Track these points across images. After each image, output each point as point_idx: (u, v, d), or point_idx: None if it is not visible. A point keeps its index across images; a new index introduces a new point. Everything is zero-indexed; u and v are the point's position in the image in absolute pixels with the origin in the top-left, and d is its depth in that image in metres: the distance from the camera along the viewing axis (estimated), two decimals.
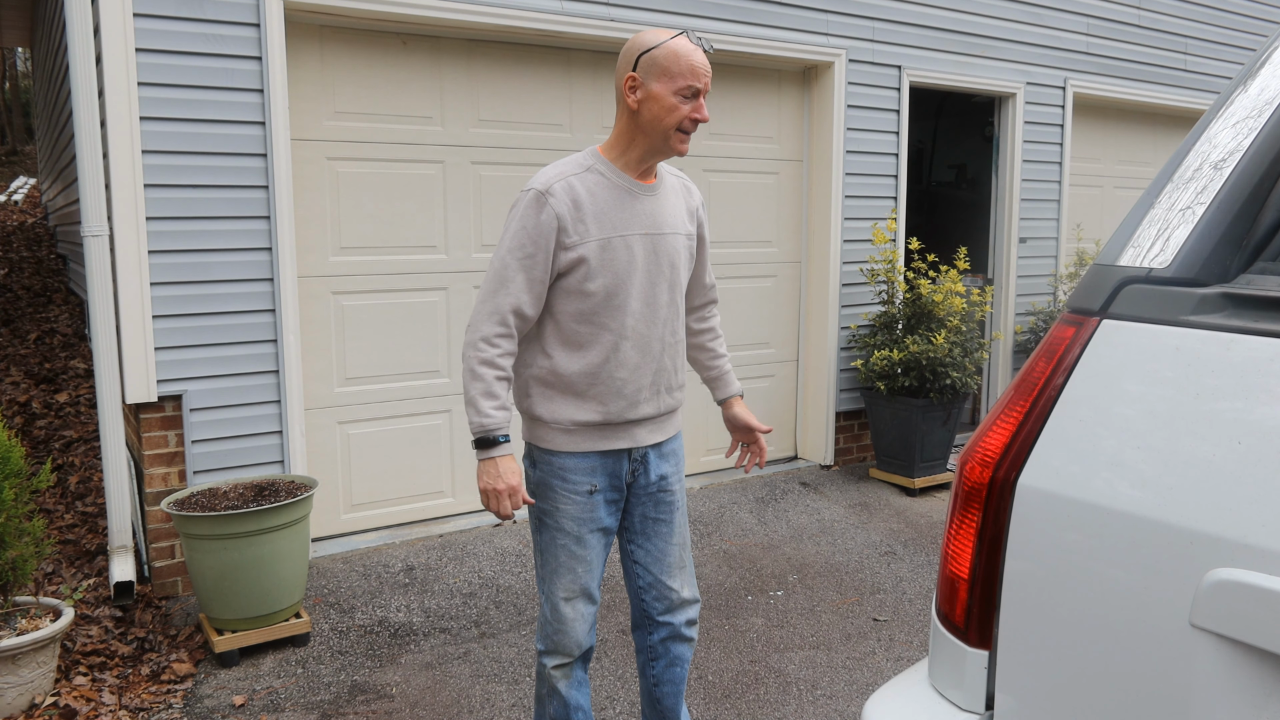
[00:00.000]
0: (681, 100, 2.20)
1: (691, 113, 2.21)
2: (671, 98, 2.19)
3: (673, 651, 2.53)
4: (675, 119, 2.20)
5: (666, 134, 2.21)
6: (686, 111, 2.20)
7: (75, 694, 3.11)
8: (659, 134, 2.22)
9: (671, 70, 2.18)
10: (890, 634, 3.71)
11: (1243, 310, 1.10)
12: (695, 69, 2.19)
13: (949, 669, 1.31)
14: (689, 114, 2.20)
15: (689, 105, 2.20)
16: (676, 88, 2.19)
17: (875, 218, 5.62)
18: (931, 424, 5.27)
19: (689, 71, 2.18)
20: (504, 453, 2.22)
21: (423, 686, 3.30)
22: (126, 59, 3.54)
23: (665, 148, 2.24)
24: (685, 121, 2.21)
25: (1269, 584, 0.96)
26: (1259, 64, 1.30)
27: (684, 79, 2.18)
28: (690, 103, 2.21)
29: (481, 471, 2.22)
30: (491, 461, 2.21)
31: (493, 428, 2.20)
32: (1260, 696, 0.99)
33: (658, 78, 2.20)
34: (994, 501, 1.25)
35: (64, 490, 4.62)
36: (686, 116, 2.20)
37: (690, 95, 2.20)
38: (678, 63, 2.18)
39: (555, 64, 4.67)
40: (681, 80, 2.18)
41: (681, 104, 2.20)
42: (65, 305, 6.97)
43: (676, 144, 2.23)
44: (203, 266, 3.77)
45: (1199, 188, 1.23)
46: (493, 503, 2.22)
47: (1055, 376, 1.23)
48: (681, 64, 2.18)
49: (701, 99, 2.22)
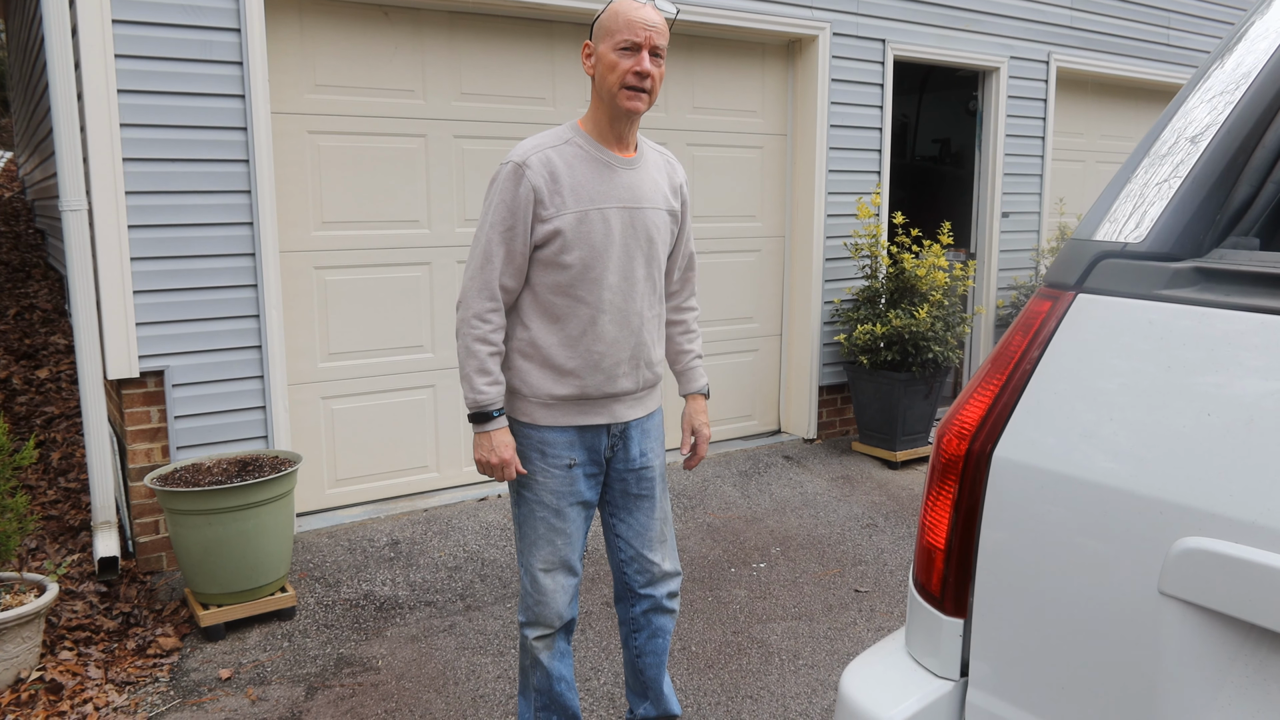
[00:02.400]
0: (622, 55, 2.18)
1: (633, 66, 2.17)
2: (612, 54, 2.18)
3: (655, 623, 2.56)
4: (618, 76, 2.18)
5: (613, 93, 2.20)
6: (628, 66, 2.17)
7: (61, 668, 3.12)
8: (608, 94, 2.21)
9: (611, 28, 2.19)
10: (871, 605, 3.76)
11: (1215, 284, 1.12)
12: (632, 23, 2.16)
13: (925, 637, 1.33)
14: (630, 68, 2.17)
15: (630, 60, 2.17)
16: (616, 43, 2.18)
17: (859, 192, 5.63)
18: (913, 397, 5.31)
19: (626, 26, 2.17)
20: (499, 426, 2.27)
21: (408, 659, 3.32)
22: (103, 31, 3.49)
23: (617, 108, 2.22)
24: (628, 76, 2.18)
25: (1234, 552, 0.98)
26: (1236, 38, 1.31)
27: (621, 34, 2.17)
28: (631, 57, 2.18)
29: (477, 444, 2.29)
30: (487, 435, 2.27)
31: (487, 403, 2.25)
32: (1224, 660, 1.01)
33: (602, 38, 2.21)
34: (970, 473, 1.27)
35: (46, 466, 4.60)
36: (629, 71, 2.17)
37: (630, 48, 2.17)
38: (616, 19, 2.18)
39: (538, 37, 4.63)
40: (619, 35, 2.17)
41: (622, 59, 2.18)
42: (45, 280, 6.91)
43: (624, 101, 2.20)
44: (183, 241, 3.75)
45: (1175, 162, 1.24)
46: (488, 474, 2.29)
47: (1031, 350, 1.25)
48: (620, 20, 2.18)
49: (644, 53, 2.18)
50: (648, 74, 2.19)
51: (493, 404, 2.25)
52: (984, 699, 1.26)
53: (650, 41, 2.18)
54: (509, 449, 2.28)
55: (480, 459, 2.29)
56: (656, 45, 2.20)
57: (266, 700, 3.06)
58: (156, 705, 3.02)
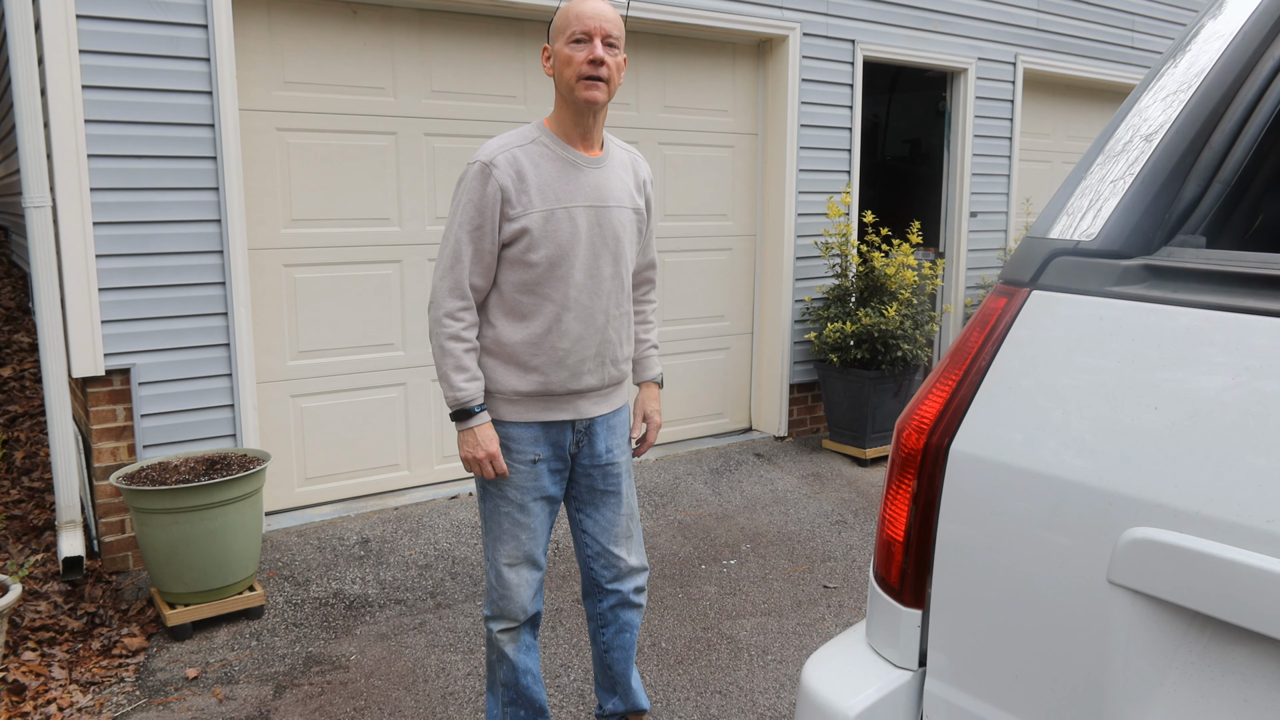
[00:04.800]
0: (575, 49, 2.19)
1: (586, 56, 2.18)
2: (566, 49, 2.20)
3: (622, 618, 2.58)
4: (574, 69, 2.19)
5: (572, 86, 2.21)
6: (581, 57, 2.19)
7: (24, 669, 3.09)
8: (568, 89, 2.23)
9: (562, 25, 2.21)
10: (840, 600, 3.79)
11: (1162, 281, 1.15)
12: (582, 15, 2.18)
13: (884, 628, 1.36)
14: (584, 59, 2.18)
15: (583, 50, 2.19)
16: (569, 37, 2.20)
17: (829, 191, 5.67)
18: (883, 395, 5.36)
19: (576, 19, 2.19)
20: (481, 422, 2.28)
21: (378, 657, 3.31)
22: (66, 26, 3.45)
23: (578, 102, 2.23)
24: (583, 66, 2.19)
25: (1178, 541, 1.01)
26: (1189, 37, 1.34)
27: (571, 27, 2.19)
28: (584, 47, 2.19)
29: (461, 441, 2.30)
30: (470, 431, 2.28)
31: (467, 400, 2.26)
32: (1170, 647, 1.04)
33: (556, 37, 2.23)
34: (928, 467, 1.29)
35: (9, 465, 4.54)
36: (582, 61, 2.19)
37: (581, 39, 2.19)
38: (566, 16, 2.20)
39: (509, 35, 4.63)
40: (570, 29, 2.19)
41: (575, 51, 2.19)
42: (8, 278, 6.81)
43: (582, 92, 2.21)
44: (150, 238, 3.72)
45: (1128, 160, 1.27)
46: (475, 470, 2.31)
47: (987, 346, 1.27)
48: (570, 14, 2.20)
49: (595, 41, 2.18)
50: (601, 60, 2.19)
51: (473, 400, 2.27)
52: (941, 688, 1.28)
53: (601, 30, 2.19)
54: (493, 443, 2.29)
55: (465, 455, 2.30)
56: (609, 34, 2.20)
57: (234, 699, 3.04)
58: (122, 705, 3.00)
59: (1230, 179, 1.22)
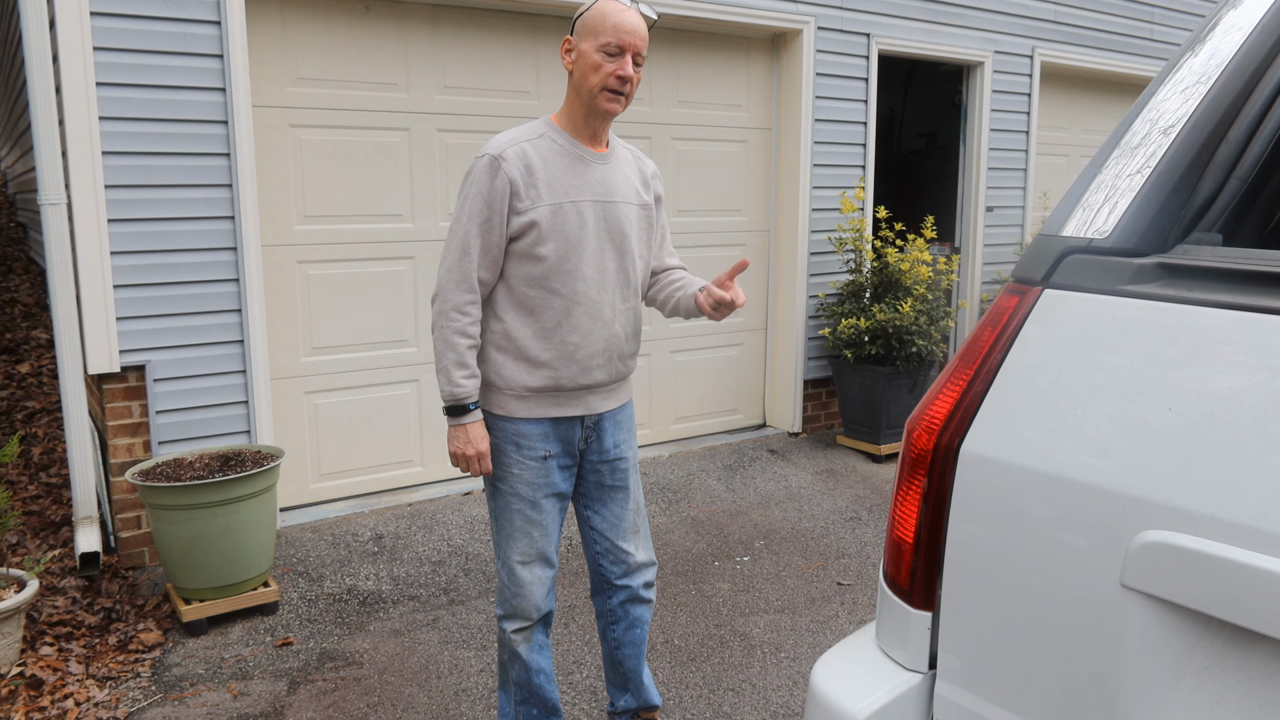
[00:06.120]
0: (606, 58, 2.18)
1: (616, 70, 2.18)
2: (595, 55, 2.19)
3: (632, 614, 2.57)
4: (600, 77, 2.19)
5: (593, 93, 2.21)
6: (611, 69, 2.18)
7: (42, 664, 3.11)
8: (587, 93, 2.22)
9: (596, 28, 2.19)
10: (854, 598, 3.78)
11: (1177, 280, 1.13)
12: (619, 26, 2.17)
13: (894, 630, 1.34)
14: (613, 71, 2.18)
15: (614, 63, 2.18)
16: (600, 44, 2.18)
17: (844, 186, 5.63)
18: (898, 391, 5.33)
19: (611, 29, 2.17)
20: (474, 419, 2.28)
21: (391, 653, 3.32)
22: (81, 24, 3.47)
23: (595, 107, 2.23)
24: (610, 79, 2.19)
25: (1192, 545, 0.99)
26: (1208, 29, 1.31)
27: (606, 35, 2.17)
28: (615, 61, 2.18)
29: (452, 437, 2.30)
30: (462, 428, 2.28)
31: (463, 396, 2.26)
32: (1184, 652, 1.02)
33: (585, 37, 2.21)
34: (938, 467, 1.27)
35: (27, 461, 4.58)
36: (611, 74, 2.19)
37: (614, 53, 2.18)
38: (603, 21, 2.18)
39: (521, 30, 4.62)
40: (604, 37, 2.17)
41: (605, 62, 2.18)
42: (26, 274, 6.87)
43: (604, 103, 2.22)
44: (164, 235, 3.73)
45: (1146, 154, 1.24)
46: (463, 466, 2.30)
47: (998, 345, 1.25)
48: (606, 22, 2.18)
49: (627, 57, 2.19)
50: (629, 79, 2.21)
51: (469, 397, 2.27)
52: (952, 691, 1.26)
53: (634, 47, 2.20)
54: (485, 441, 2.29)
55: (455, 451, 2.30)
56: (640, 51, 2.22)
57: (249, 695, 3.05)
58: (138, 700, 3.02)
59: (1248, 175, 1.19)
